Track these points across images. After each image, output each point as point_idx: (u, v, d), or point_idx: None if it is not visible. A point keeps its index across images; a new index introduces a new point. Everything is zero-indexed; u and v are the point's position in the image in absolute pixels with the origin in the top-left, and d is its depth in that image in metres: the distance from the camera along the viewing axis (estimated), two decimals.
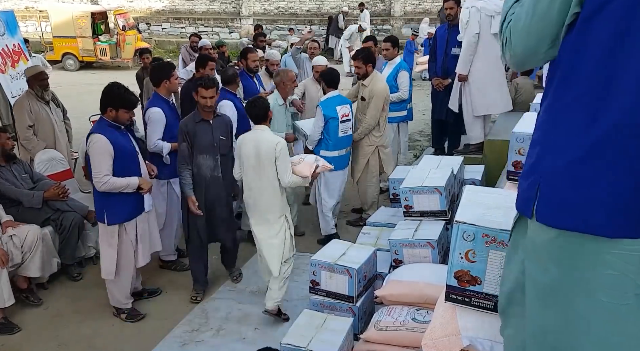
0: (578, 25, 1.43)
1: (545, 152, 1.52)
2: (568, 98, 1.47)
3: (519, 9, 1.55)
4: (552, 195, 1.48)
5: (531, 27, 1.50)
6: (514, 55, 1.59)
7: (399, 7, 19.14)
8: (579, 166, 1.42)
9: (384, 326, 2.98)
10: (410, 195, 3.87)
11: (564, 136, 1.47)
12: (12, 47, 6.60)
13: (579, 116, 1.44)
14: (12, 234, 4.02)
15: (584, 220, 1.41)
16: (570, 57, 1.47)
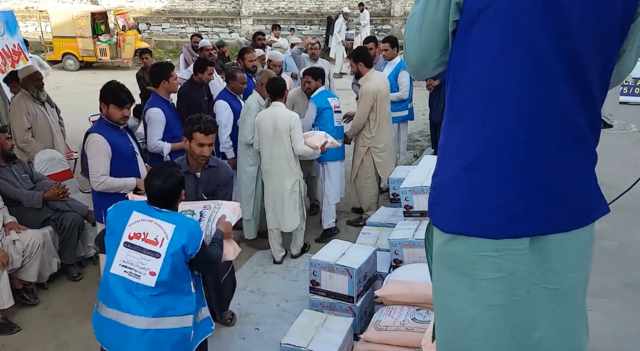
0: (458, 33, 1.46)
1: (442, 157, 1.56)
2: (457, 105, 1.50)
3: (409, 21, 1.58)
4: (445, 201, 1.52)
5: (421, 36, 1.52)
6: (409, 64, 1.62)
7: (399, 7, 19.13)
8: (469, 172, 1.45)
9: (384, 326, 2.98)
10: (410, 195, 3.88)
11: (455, 143, 1.51)
12: (12, 47, 6.60)
13: (467, 124, 1.46)
14: (15, 239, 4.01)
15: (476, 223, 1.45)
16: (456, 65, 1.49)
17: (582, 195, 1.46)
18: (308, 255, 4.49)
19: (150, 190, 2.62)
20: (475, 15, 1.39)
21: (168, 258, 2.49)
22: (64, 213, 4.42)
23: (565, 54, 1.36)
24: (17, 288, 4.11)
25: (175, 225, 2.53)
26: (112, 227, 2.62)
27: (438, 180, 1.56)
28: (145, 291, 2.49)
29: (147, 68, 7.54)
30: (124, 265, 2.52)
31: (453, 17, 1.44)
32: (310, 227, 5.12)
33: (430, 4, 1.47)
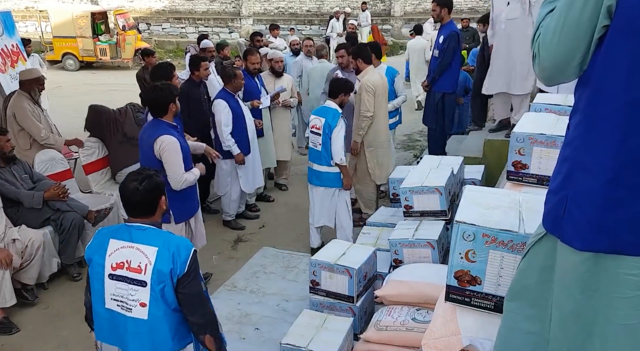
0: (607, 39, 1.39)
1: (576, 170, 1.48)
2: (598, 116, 1.43)
3: (549, 20, 1.48)
4: (582, 215, 1.45)
5: (560, 40, 1.43)
6: (543, 69, 1.52)
7: (399, 7, 19.14)
8: (608, 187, 1.40)
9: (384, 326, 2.98)
10: (410, 194, 3.87)
11: (595, 156, 1.43)
12: (10, 47, 6.59)
13: (608, 136, 1.41)
14: (15, 238, 4.02)
15: (613, 240, 1.40)
16: (599, 73, 1.42)
17: None
18: (308, 254, 4.49)
19: (125, 192, 2.37)
20: (626, 24, 1.34)
21: (155, 286, 2.25)
22: (64, 213, 4.42)
23: None
24: (16, 288, 4.11)
25: (158, 248, 2.27)
26: (93, 259, 2.37)
27: (568, 194, 1.48)
28: (140, 325, 2.29)
29: (149, 68, 7.55)
30: (115, 298, 2.32)
31: (603, 22, 1.37)
32: None
33: (576, 6, 1.39)
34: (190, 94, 5.35)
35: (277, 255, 4.95)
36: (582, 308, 1.49)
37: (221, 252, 5.05)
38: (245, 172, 5.37)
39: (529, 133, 2.75)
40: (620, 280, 1.41)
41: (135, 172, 2.48)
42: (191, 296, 2.33)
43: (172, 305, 2.31)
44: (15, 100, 5.21)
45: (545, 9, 1.52)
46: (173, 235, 2.45)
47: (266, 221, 5.74)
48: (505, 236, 2.00)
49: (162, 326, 2.30)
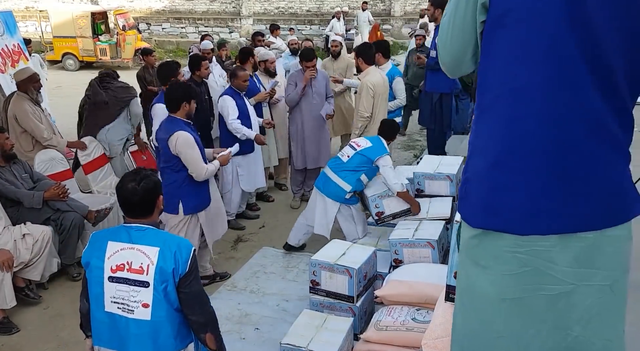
0: (485, 33, 1.49)
1: (472, 154, 1.60)
2: (484, 105, 1.54)
3: (443, 21, 1.61)
4: (473, 196, 1.56)
5: (452, 39, 1.57)
6: (443, 64, 1.67)
7: (399, 7, 19.14)
8: (494, 170, 1.49)
9: (384, 326, 2.98)
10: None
11: (482, 140, 1.54)
12: (11, 47, 6.59)
13: (493, 122, 1.50)
14: (25, 233, 4.05)
15: (500, 219, 1.49)
16: (482, 65, 1.53)
17: (613, 193, 1.46)
18: (308, 254, 4.48)
19: (123, 193, 2.36)
20: (500, 16, 1.42)
21: (158, 286, 2.25)
22: (64, 213, 4.42)
23: (591, 54, 1.38)
24: (19, 287, 4.12)
25: (159, 248, 2.27)
26: (90, 262, 2.36)
27: (467, 176, 1.60)
28: (142, 326, 2.28)
29: (149, 68, 7.55)
30: (115, 301, 2.30)
31: (480, 18, 1.48)
32: None
33: (460, 6, 1.51)
34: None
35: (277, 255, 4.95)
36: (473, 283, 1.57)
37: (221, 252, 5.05)
38: (246, 171, 5.36)
39: None
40: (507, 257, 1.49)
41: (132, 172, 2.49)
42: (192, 295, 2.33)
43: (175, 304, 2.31)
44: (15, 101, 5.17)
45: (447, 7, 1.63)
46: (172, 235, 2.47)
47: (266, 221, 5.73)
48: None
49: (164, 327, 2.30)
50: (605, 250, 1.47)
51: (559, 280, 1.46)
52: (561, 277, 1.46)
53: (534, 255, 1.46)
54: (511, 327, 1.51)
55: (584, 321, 1.48)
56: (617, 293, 1.51)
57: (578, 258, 1.46)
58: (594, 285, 1.47)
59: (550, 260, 1.46)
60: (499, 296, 1.51)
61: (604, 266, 1.48)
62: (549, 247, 1.45)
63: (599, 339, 1.50)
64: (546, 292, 1.47)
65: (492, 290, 1.52)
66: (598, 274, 1.47)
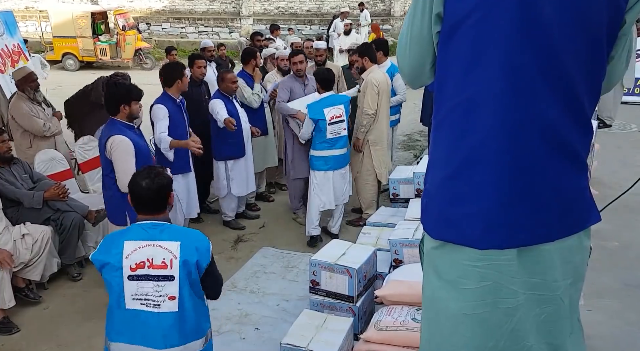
0: (439, 45, 1.47)
1: (429, 165, 1.59)
2: (440, 116, 1.52)
3: (401, 33, 1.59)
4: (432, 207, 1.55)
5: (410, 50, 1.55)
6: (403, 75, 1.65)
7: (399, 7, 19.13)
8: (450, 182, 1.47)
9: (384, 326, 2.98)
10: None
11: (439, 151, 1.53)
12: (11, 47, 6.60)
13: (449, 133, 1.48)
14: (25, 233, 4.05)
15: (458, 232, 1.47)
16: (439, 74, 1.51)
17: (569, 204, 1.45)
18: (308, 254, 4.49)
19: (137, 190, 2.41)
20: (453, 27, 1.40)
21: (184, 278, 2.33)
22: (64, 213, 4.42)
23: (546, 64, 1.35)
24: (19, 287, 4.12)
25: (180, 241, 2.35)
26: (108, 262, 2.36)
27: (426, 187, 1.59)
28: (170, 319, 2.33)
29: None
30: (138, 297, 2.33)
31: (435, 28, 1.46)
32: None
33: (417, 17, 1.49)
34: (190, 94, 5.35)
35: (277, 255, 4.95)
36: (436, 296, 1.55)
37: (221, 252, 5.05)
38: (237, 175, 5.31)
39: None
40: (467, 271, 1.47)
41: (145, 169, 2.54)
42: (214, 280, 2.52)
43: (198, 293, 2.43)
44: (14, 102, 5.33)
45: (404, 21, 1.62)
46: (188, 229, 2.57)
47: (266, 221, 5.73)
48: None
49: (190, 316, 2.39)
50: (561, 260, 1.46)
51: (515, 292, 1.45)
52: (517, 289, 1.44)
53: (493, 269, 1.44)
54: (472, 342, 1.50)
55: (534, 331, 1.48)
56: (567, 302, 1.51)
57: (533, 269, 1.44)
58: (546, 295, 1.47)
59: (509, 274, 1.44)
60: (460, 311, 1.49)
61: (559, 277, 1.47)
62: (507, 261, 1.43)
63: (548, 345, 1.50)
64: (504, 306, 1.46)
65: (453, 305, 1.50)
66: (551, 284, 1.46)
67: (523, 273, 1.44)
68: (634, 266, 4.26)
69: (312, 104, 4.90)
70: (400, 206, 4.74)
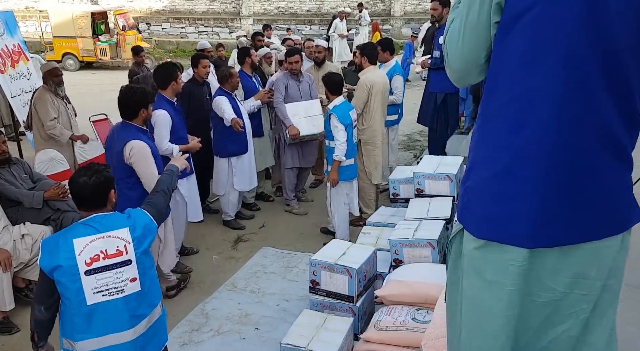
0: (497, 35, 1.43)
1: (473, 163, 1.55)
2: (491, 110, 1.48)
3: (453, 25, 1.54)
4: (476, 206, 1.51)
5: (464, 40, 1.49)
6: (452, 70, 1.58)
7: (399, 7, 19.13)
8: (499, 179, 1.44)
9: (384, 326, 2.98)
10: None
11: (487, 148, 1.49)
12: (11, 47, 6.59)
13: (500, 129, 1.44)
14: (24, 233, 4.05)
15: (505, 231, 1.44)
16: (491, 69, 1.47)
17: (616, 203, 1.44)
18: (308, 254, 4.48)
19: (75, 187, 2.46)
20: (514, 18, 1.37)
21: (140, 259, 2.45)
22: (64, 213, 4.41)
23: (605, 61, 1.34)
24: (19, 287, 4.12)
25: (128, 226, 2.44)
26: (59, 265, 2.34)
27: (469, 185, 1.54)
28: (134, 299, 2.43)
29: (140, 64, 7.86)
30: (99, 290, 2.37)
31: (494, 19, 1.41)
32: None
33: (474, 6, 1.44)
34: (191, 93, 5.35)
35: (277, 255, 4.95)
36: (479, 297, 1.53)
37: (221, 252, 5.05)
38: (241, 171, 5.32)
39: None
40: (512, 271, 1.45)
41: (84, 167, 2.58)
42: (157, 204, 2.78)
43: (150, 265, 2.56)
44: (38, 92, 5.67)
45: (450, 15, 1.56)
46: (130, 210, 2.62)
47: (266, 221, 5.73)
48: None
49: (149, 287, 2.52)
50: (601, 259, 1.45)
51: (552, 288, 1.44)
52: (554, 286, 1.44)
53: (538, 268, 1.43)
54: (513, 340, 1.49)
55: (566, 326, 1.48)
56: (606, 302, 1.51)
57: (575, 268, 1.44)
58: (586, 294, 1.46)
59: (553, 273, 1.43)
60: (504, 312, 1.47)
61: (600, 276, 1.47)
62: (553, 259, 1.42)
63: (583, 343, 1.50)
64: (537, 299, 1.46)
65: (497, 306, 1.48)
66: (592, 283, 1.46)
67: (566, 272, 1.43)
68: (634, 267, 4.24)
69: (338, 109, 4.71)
70: (400, 206, 4.74)
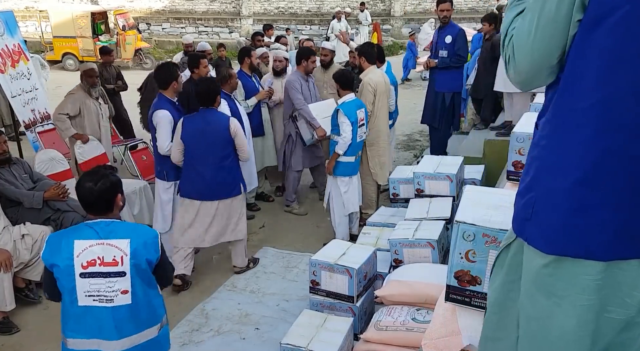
0: (578, 34, 1.32)
1: (543, 171, 1.43)
2: (568, 114, 1.38)
3: (521, 22, 1.42)
4: (549, 218, 1.40)
5: (536, 40, 1.37)
6: (519, 72, 1.45)
7: (399, 7, 19.13)
8: (578, 188, 1.34)
9: (384, 326, 2.98)
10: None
11: (563, 155, 1.38)
12: (12, 47, 6.59)
13: (580, 134, 1.34)
14: (24, 233, 4.06)
15: (582, 245, 1.35)
16: (569, 70, 1.36)
17: None
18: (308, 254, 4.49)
19: (81, 192, 2.45)
20: (600, 17, 1.28)
21: (134, 273, 2.41)
22: (64, 213, 4.41)
23: None
24: (19, 287, 4.12)
25: (130, 239, 2.40)
26: (57, 263, 2.39)
27: (533, 195, 1.43)
28: (123, 311, 2.42)
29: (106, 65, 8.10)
30: (91, 294, 2.39)
31: (576, 16, 1.31)
32: None
33: (550, 2, 1.33)
34: (190, 94, 5.34)
35: (277, 255, 4.96)
36: (545, 316, 1.43)
37: (221, 252, 5.05)
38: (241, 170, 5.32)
39: (529, 133, 2.75)
40: (586, 285, 1.36)
41: (90, 171, 2.58)
42: (165, 271, 2.62)
43: (150, 284, 2.52)
44: (73, 88, 5.89)
45: (512, 12, 1.47)
46: (138, 224, 2.63)
47: (266, 221, 5.73)
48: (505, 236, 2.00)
49: (143, 306, 2.48)
50: None
51: (628, 304, 1.36)
52: (631, 301, 1.36)
53: (613, 282, 1.35)
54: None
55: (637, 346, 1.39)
56: None
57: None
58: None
59: (627, 286, 1.35)
60: (577, 331, 1.39)
61: None
62: (628, 272, 1.34)
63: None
64: (612, 315, 1.37)
65: (569, 324, 1.39)
66: None
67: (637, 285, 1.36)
68: None
69: (345, 105, 4.71)
70: (400, 206, 4.74)
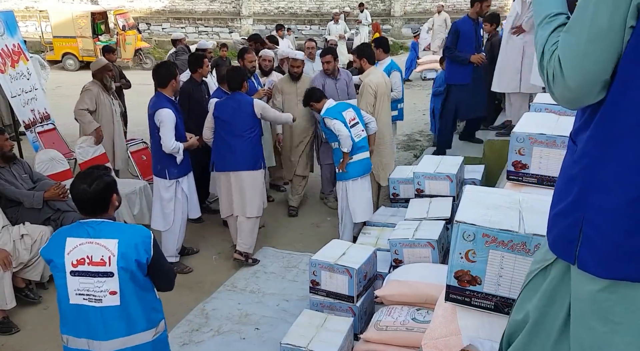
0: (631, 42, 1.23)
1: (590, 190, 1.33)
2: (621, 128, 1.28)
3: (565, 36, 1.32)
4: (602, 239, 1.31)
5: (588, 52, 1.26)
6: (570, 89, 1.31)
7: (399, 7, 19.14)
8: (633, 207, 1.26)
9: (384, 326, 2.98)
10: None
11: (616, 173, 1.29)
12: (11, 47, 6.59)
13: (632, 150, 1.26)
14: (24, 234, 4.06)
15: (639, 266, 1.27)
16: (620, 81, 1.26)
17: None
18: (308, 254, 4.49)
19: (75, 194, 2.45)
20: None
21: (122, 274, 2.35)
22: (64, 213, 4.41)
23: None
24: (19, 287, 4.12)
25: (118, 239, 2.37)
26: (52, 259, 2.43)
27: (582, 215, 1.34)
28: (112, 312, 2.38)
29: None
30: (80, 293, 2.39)
31: (630, 23, 1.22)
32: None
33: (603, 8, 1.22)
34: (191, 94, 5.34)
35: (277, 255, 4.96)
36: (601, 344, 1.35)
37: (221, 252, 5.05)
38: None
39: (529, 133, 2.75)
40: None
41: (84, 172, 2.57)
42: (161, 273, 2.52)
43: (143, 286, 2.44)
44: (86, 86, 5.89)
45: (546, 30, 1.39)
46: (129, 225, 2.59)
47: (266, 221, 5.73)
48: (505, 236, 2.00)
49: (135, 308, 2.42)
50: None
51: None
52: None
53: None
54: None
55: None
56: None
57: None
58: None
59: None
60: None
61: None
62: None
63: None
64: None
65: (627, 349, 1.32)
66: None
67: None
68: None
69: (328, 112, 4.72)
70: (400, 206, 4.75)
